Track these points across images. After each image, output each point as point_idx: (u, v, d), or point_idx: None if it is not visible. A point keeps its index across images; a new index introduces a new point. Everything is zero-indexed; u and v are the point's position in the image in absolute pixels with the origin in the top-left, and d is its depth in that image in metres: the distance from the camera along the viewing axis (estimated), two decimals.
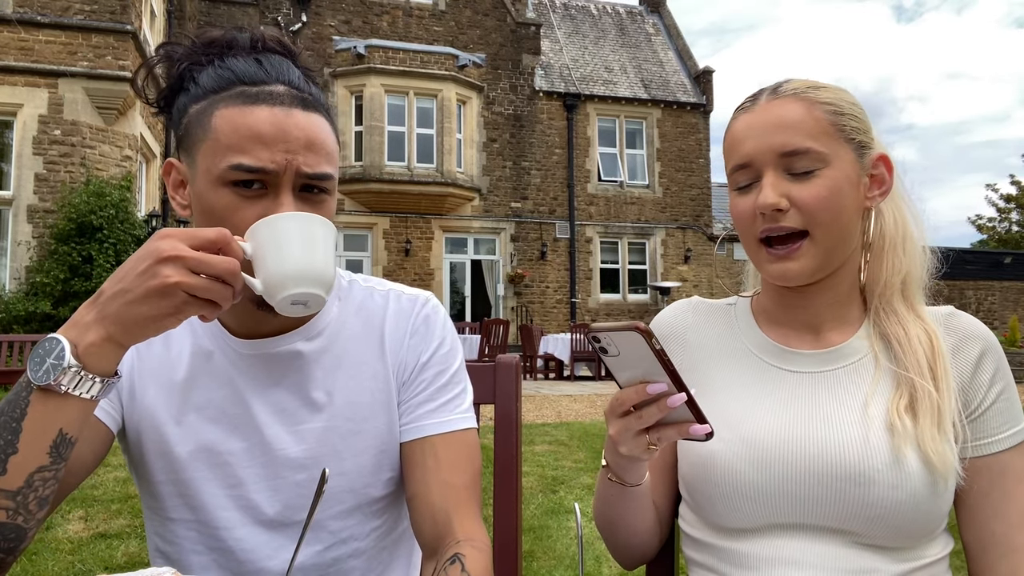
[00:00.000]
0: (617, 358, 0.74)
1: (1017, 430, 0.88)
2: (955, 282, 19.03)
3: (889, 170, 0.92)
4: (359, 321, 0.97)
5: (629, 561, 1.04)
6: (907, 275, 0.93)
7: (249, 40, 0.86)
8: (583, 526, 2.75)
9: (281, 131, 0.79)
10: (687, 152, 19.69)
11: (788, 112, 0.88)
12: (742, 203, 0.91)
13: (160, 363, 0.93)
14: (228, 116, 0.80)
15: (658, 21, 22.56)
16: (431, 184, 16.89)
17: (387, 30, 17.61)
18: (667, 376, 0.72)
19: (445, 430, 0.93)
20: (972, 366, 0.89)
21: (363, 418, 0.93)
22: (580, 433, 6.30)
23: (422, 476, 0.91)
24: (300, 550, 0.90)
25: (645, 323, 0.71)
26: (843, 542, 0.85)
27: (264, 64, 0.84)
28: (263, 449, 0.90)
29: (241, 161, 0.78)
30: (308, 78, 0.88)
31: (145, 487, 0.94)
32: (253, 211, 0.79)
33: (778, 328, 0.98)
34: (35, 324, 9.31)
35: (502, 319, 13.80)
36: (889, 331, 0.92)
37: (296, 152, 0.80)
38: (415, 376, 0.95)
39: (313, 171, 0.81)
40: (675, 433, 0.76)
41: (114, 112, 10.28)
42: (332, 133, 0.86)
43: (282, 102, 0.81)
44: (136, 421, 0.92)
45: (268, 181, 0.80)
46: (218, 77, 0.82)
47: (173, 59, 0.85)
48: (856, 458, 0.84)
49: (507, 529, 1.10)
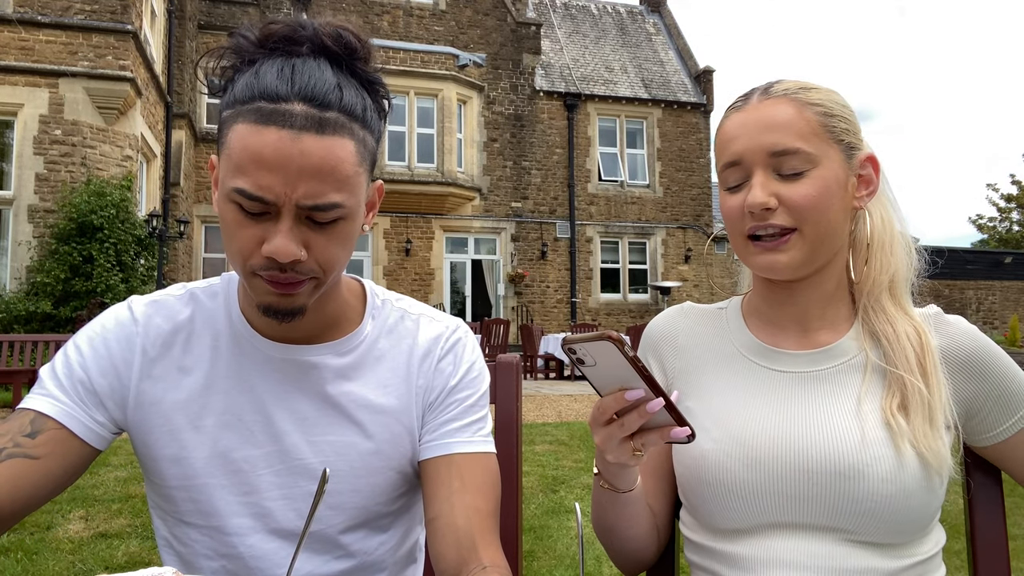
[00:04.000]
0: (594, 368, 0.74)
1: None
2: (955, 282, 19.00)
3: (876, 170, 0.93)
4: (389, 343, 0.96)
5: (629, 567, 1.04)
6: (895, 274, 0.95)
7: (308, 35, 0.80)
8: (583, 526, 2.76)
9: (284, 158, 0.75)
10: (687, 152, 19.69)
11: (779, 112, 0.89)
12: (732, 201, 0.92)
13: (179, 368, 0.91)
14: (241, 134, 0.77)
15: (658, 21, 22.55)
16: (431, 184, 16.90)
17: (387, 30, 17.61)
18: (643, 382, 0.73)
19: (471, 450, 0.92)
20: (965, 367, 0.91)
21: (384, 439, 0.92)
22: (580, 433, 6.30)
23: (447, 496, 0.89)
24: (308, 560, 0.91)
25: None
26: (837, 540, 0.86)
27: (295, 74, 0.78)
28: (280, 457, 0.90)
29: (242, 186, 0.77)
30: (362, 84, 0.83)
31: (156, 490, 0.93)
32: (255, 231, 0.79)
33: (767, 327, 0.99)
34: (35, 324, 9.31)
35: (502, 319, 13.80)
36: (878, 329, 0.93)
37: (297, 182, 0.76)
38: (443, 399, 0.95)
39: (314, 203, 0.77)
40: (658, 437, 0.76)
41: (115, 112, 10.28)
42: (355, 153, 0.80)
43: (293, 124, 0.76)
44: (146, 429, 0.90)
45: (269, 208, 0.78)
46: (246, 87, 0.79)
47: (237, 52, 0.82)
48: (850, 453, 0.85)
49: (507, 529, 1.10)
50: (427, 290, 17.37)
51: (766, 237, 0.90)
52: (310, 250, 0.80)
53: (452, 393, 0.95)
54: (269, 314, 0.83)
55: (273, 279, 0.80)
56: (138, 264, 10.37)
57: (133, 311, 0.92)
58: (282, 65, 0.79)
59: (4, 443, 0.82)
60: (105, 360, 0.89)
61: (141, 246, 10.37)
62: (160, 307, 0.93)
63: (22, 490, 0.81)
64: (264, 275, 0.80)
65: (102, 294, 9.36)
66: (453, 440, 0.93)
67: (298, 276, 0.80)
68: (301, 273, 0.80)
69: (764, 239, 0.90)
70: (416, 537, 1.03)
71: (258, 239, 0.79)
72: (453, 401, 0.95)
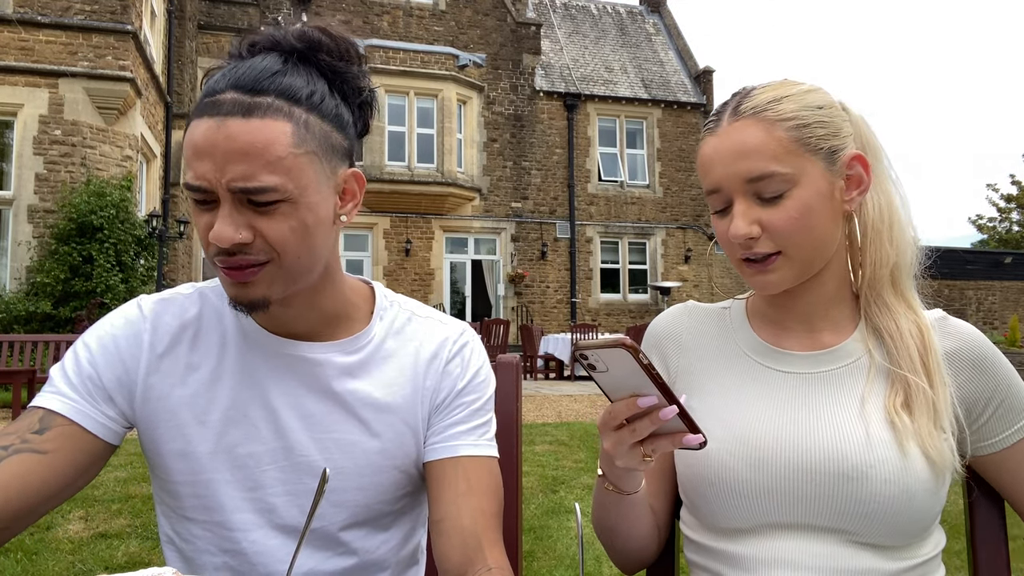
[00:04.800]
0: (606, 374, 0.73)
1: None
2: (955, 282, 19.00)
3: (866, 167, 0.91)
4: (397, 343, 0.97)
5: (628, 566, 1.04)
6: (895, 265, 0.93)
7: (279, 40, 0.84)
8: (583, 526, 2.75)
9: (210, 144, 0.77)
10: (687, 152, 19.68)
11: (748, 137, 0.87)
12: (720, 225, 0.92)
13: (187, 364, 0.92)
14: (188, 129, 0.80)
15: (658, 21, 22.56)
16: (431, 184, 16.90)
17: (387, 30, 17.61)
18: (657, 389, 0.72)
19: (477, 453, 0.93)
20: (969, 371, 0.90)
21: (388, 438, 0.93)
22: (580, 433, 6.30)
23: (453, 498, 0.90)
24: (310, 557, 0.91)
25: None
26: (838, 541, 0.86)
27: (235, 69, 0.81)
28: (285, 453, 0.90)
29: (186, 179, 0.80)
30: (324, 75, 0.85)
31: (162, 485, 0.93)
32: (207, 220, 0.81)
33: (772, 328, 0.99)
34: (35, 324, 9.31)
35: (502, 319, 13.80)
36: (881, 325, 0.92)
37: (224, 166, 0.77)
38: (450, 402, 0.96)
39: (245, 185, 0.77)
40: (669, 444, 0.76)
41: (114, 112, 10.28)
42: (292, 135, 0.79)
43: (219, 111, 0.78)
44: (153, 424, 0.90)
45: (209, 196, 0.80)
46: (205, 87, 0.82)
47: (233, 56, 0.86)
48: (854, 453, 0.85)
49: (507, 529, 1.10)
50: (427, 290, 17.37)
51: (754, 260, 0.91)
52: (258, 234, 0.80)
53: (460, 396, 0.96)
54: (235, 307, 0.84)
55: (225, 264, 0.81)
56: (138, 264, 10.37)
57: (142, 308, 0.93)
58: (233, 65, 0.82)
59: (11, 440, 0.82)
60: (113, 355, 0.90)
61: (141, 246, 10.37)
62: (169, 304, 0.94)
63: (31, 485, 0.80)
64: (219, 263, 0.81)
65: (102, 294, 9.36)
66: (460, 443, 0.93)
67: (248, 259, 0.80)
68: (250, 255, 0.80)
69: (752, 262, 0.91)
70: (419, 539, 1.04)
71: (209, 228, 0.80)
72: (460, 404, 0.96)
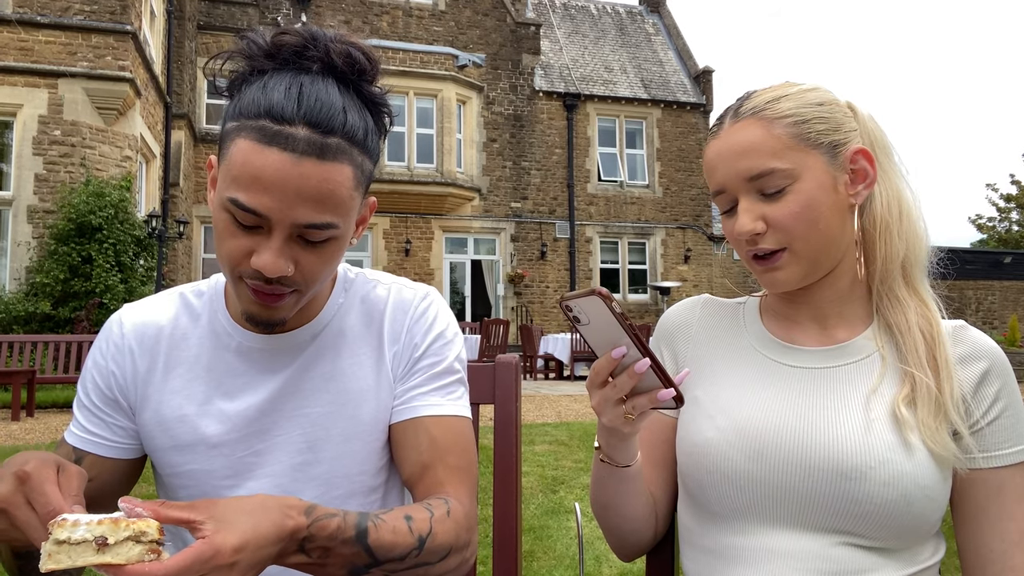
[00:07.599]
0: (588, 326, 0.77)
1: (1019, 449, 0.87)
2: (955, 282, 18.99)
3: (870, 161, 0.91)
4: (361, 312, 1.00)
5: (625, 549, 1.04)
6: (906, 257, 0.93)
7: (319, 53, 0.82)
8: (583, 526, 2.76)
9: (283, 180, 0.78)
10: (687, 152, 19.69)
11: (747, 136, 0.90)
12: (728, 225, 0.95)
13: (165, 365, 0.97)
14: (243, 149, 0.79)
15: (658, 21, 22.56)
16: (431, 184, 16.90)
17: (387, 30, 17.62)
18: (629, 339, 0.75)
19: (438, 413, 0.95)
20: (977, 379, 0.89)
21: (357, 404, 0.95)
22: (580, 433, 6.30)
23: (417, 458, 0.92)
24: None
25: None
26: (833, 541, 0.85)
27: (302, 95, 0.79)
28: (261, 436, 0.94)
29: (238, 198, 0.79)
30: (366, 104, 0.85)
31: (159, 480, 1.00)
32: (245, 242, 0.82)
33: (784, 323, 0.99)
34: (35, 324, 9.31)
35: (502, 319, 13.80)
36: (892, 320, 0.92)
37: (294, 204, 0.79)
38: (412, 365, 0.98)
39: (308, 221, 0.80)
40: (647, 401, 0.78)
41: (114, 112, 10.28)
42: (352, 178, 0.82)
43: (295, 148, 0.78)
44: (146, 425, 0.96)
45: (262, 222, 0.80)
46: (252, 102, 0.80)
47: (247, 57, 0.84)
48: (852, 453, 0.85)
49: (507, 529, 1.11)
50: None
51: (762, 257, 0.92)
52: (298, 267, 0.83)
53: (421, 359, 0.98)
54: (252, 322, 0.89)
55: (257, 288, 0.84)
56: (137, 264, 10.36)
57: (122, 321, 0.99)
58: (290, 83, 0.81)
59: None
60: (105, 371, 0.97)
61: (140, 246, 10.36)
62: (143, 311, 1.00)
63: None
64: (249, 283, 0.84)
65: (101, 295, 9.36)
66: (420, 403, 0.95)
67: (282, 288, 0.84)
68: (286, 286, 0.84)
69: (761, 259, 0.92)
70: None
71: (247, 250, 0.82)
72: (422, 366, 0.97)
